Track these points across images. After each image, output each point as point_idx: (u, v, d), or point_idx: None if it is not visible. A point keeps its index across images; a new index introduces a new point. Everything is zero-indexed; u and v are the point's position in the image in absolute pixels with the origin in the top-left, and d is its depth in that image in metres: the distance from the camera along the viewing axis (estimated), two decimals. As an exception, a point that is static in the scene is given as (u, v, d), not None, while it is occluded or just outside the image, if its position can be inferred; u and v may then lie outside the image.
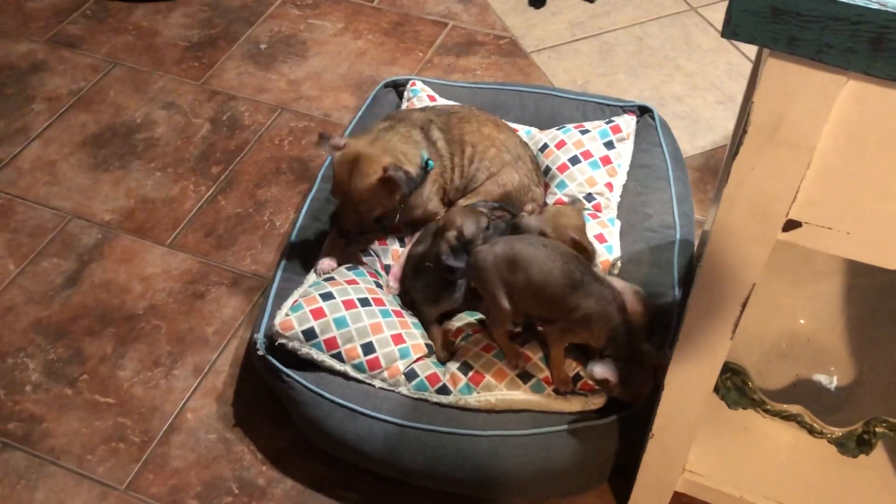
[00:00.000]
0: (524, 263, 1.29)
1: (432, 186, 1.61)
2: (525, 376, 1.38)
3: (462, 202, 1.63)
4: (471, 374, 1.40)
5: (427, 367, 1.43)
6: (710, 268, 0.96)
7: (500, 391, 1.36)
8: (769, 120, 0.79)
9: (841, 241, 0.87)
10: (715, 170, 2.07)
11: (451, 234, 1.40)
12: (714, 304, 1.00)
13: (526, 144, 1.74)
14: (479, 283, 1.35)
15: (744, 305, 0.98)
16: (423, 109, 1.72)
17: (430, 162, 1.56)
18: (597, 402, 1.36)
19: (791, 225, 0.88)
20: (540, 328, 1.41)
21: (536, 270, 1.28)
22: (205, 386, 1.66)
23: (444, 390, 1.40)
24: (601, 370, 1.22)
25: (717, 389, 1.39)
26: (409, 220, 1.65)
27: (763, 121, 0.80)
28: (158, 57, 2.41)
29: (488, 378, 1.38)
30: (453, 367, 1.42)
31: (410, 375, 1.42)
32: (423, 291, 1.50)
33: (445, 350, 1.45)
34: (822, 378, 1.43)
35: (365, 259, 1.63)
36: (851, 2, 0.67)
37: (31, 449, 1.57)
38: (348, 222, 1.52)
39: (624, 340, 1.24)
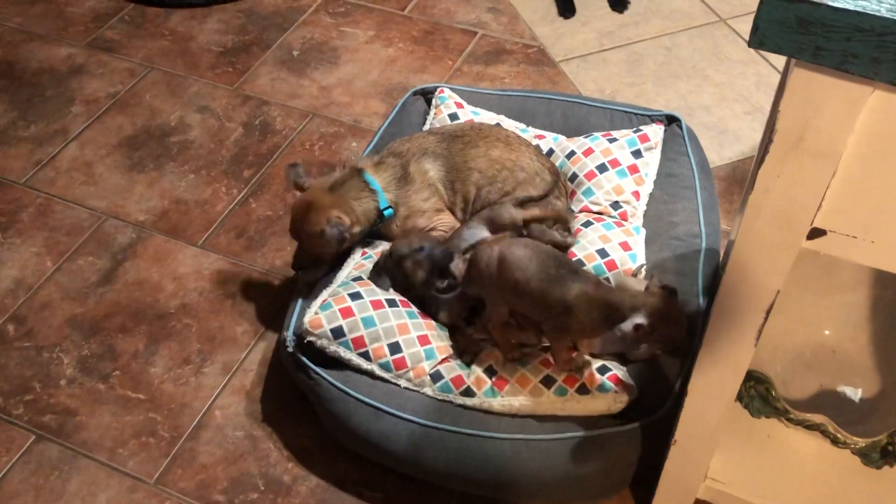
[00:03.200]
0: (509, 265, 1.34)
1: (428, 200, 1.65)
2: (548, 381, 1.39)
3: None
4: (495, 378, 1.42)
5: (452, 370, 1.45)
6: (734, 274, 0.97)
7: (525, 396, 1.38)
8: (795, 128, 0.80)
9: (865, 249, 0.88)
10: (741, 181, 2.07)
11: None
12: (738, 310, 1.00)
13: (544, 156, 1.74)
14: (476, 284, 1.40)
15: (768, 312, 0.99)
16: (427, 134, 1.73)
17: (390, 210, 1.61)
18: (623, 399, 1.36)
19: (816, 233, 0.89)
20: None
21: (518, 270, 1.33)
22: (233, 384, 1.69)
23: (468, 392, 1.42)
24: (629, 321, 1.19)
25: (740, 398, 1.39)
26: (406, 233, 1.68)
27: (789, 129, 0.81)
28: (193, 62, 2.46)
29: (512, 383, 1.40)
30: (478, 370, 1.44)
31: (435, 377, 1.44)
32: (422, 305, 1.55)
33: (469, 352, 1.47)
34: (846, 389, 1.42)
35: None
36: (877, 14, 0.68)
37: (64, 441, 1.61)
38: (303, 259, 1.60)
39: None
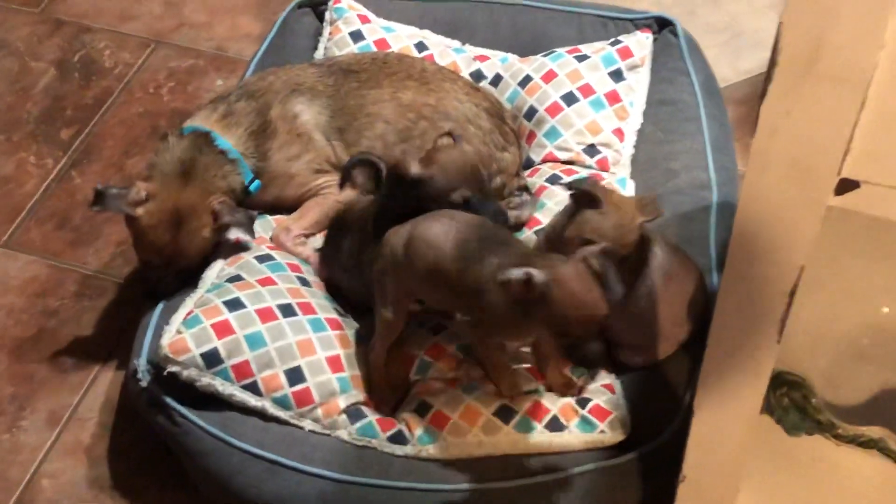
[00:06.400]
0: (418, 244, 1.35)
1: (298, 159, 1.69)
2: (505, 413, 1.42)
3: None
4: (430, 414, 1.44)
5: (377, 407, 1.48)
6: (742, 247, 0.99)
7: (475, 436, 1.41)
8: (805, 46, 0.82)
9: (915, 203, 0.91)
10: (766, 102, 2.11)
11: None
12: (751, 295, 1.03)
13: (480, 90, 1.76)
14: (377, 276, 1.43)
15: (791, 295, 1.02)
16: (306, 66, 1.75)
17: (257, 182, 1.66)
18: (613, 436, 1.40)
19: (846, 186, 0.91)
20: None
21: (429, 249, 1.34)
22: (66, 440, 1.68)
23: (398, 439, 1.44)
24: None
25: (770, 410, 1.43)
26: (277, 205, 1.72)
27: (797, 48, 0.82)
28: (-23, -26, 2.41)
29: (456, 420, 1.42)
30: (408, 407, 1.47)
31: (354, 415, 1.46)
32: (349, 268, 1.56)
33: (391, 389, 1.50)
34: (916, 385, 1.47)
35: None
36: None
37: None
38: (168, 282, 1.60)
39: None
